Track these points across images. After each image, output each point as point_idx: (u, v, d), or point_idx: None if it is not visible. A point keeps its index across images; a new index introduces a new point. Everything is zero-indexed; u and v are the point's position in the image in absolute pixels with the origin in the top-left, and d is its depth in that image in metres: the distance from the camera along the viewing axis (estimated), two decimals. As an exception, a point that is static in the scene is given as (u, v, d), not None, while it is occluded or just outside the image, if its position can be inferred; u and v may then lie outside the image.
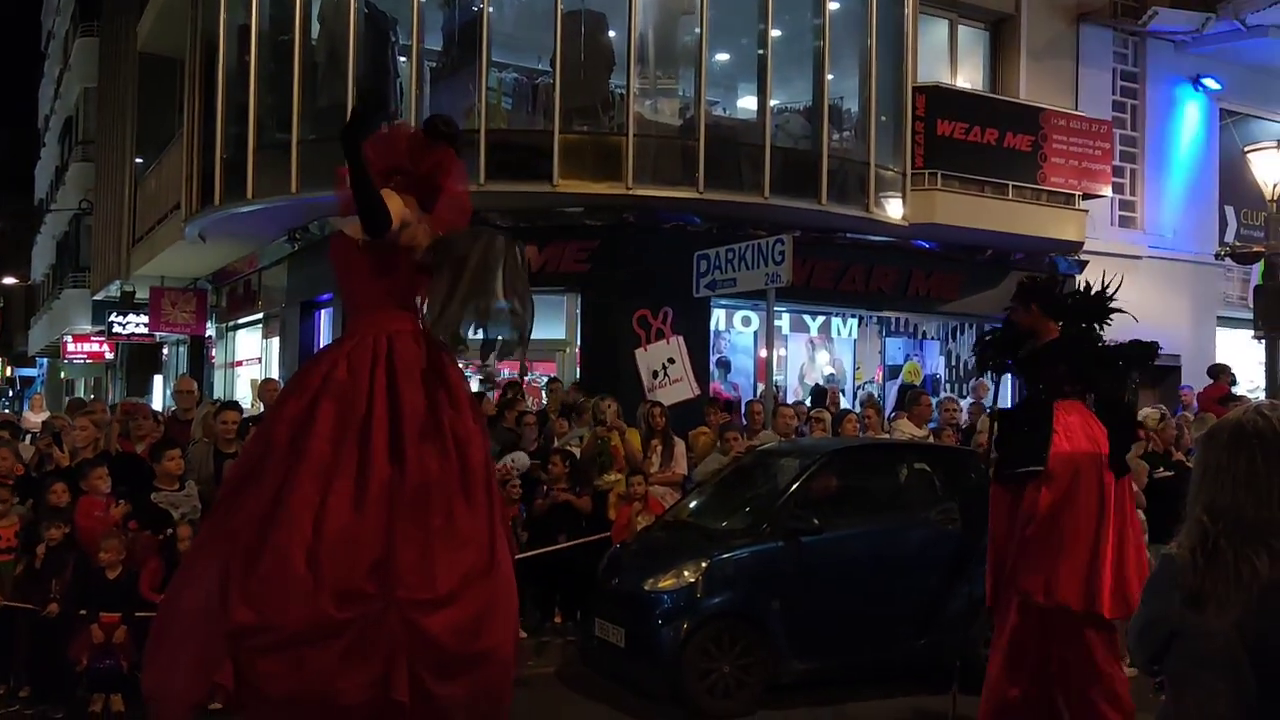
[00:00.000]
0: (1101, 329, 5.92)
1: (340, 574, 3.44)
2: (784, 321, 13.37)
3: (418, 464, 3.61)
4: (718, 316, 13.02)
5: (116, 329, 22.30)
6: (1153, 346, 5.90)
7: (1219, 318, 16.17)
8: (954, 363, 14.81)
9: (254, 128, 12.56)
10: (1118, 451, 5.57)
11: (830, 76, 12.57)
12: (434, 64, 12.52)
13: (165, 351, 24.36)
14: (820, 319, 14.06)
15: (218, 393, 17.87)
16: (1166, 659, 2.47)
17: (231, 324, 18.72)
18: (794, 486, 7.13)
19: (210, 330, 19.84)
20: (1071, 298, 6.01)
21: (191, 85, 14.52)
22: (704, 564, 6.79)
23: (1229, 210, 16.57)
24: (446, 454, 3.68)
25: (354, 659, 3.42)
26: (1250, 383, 14.02)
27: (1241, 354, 14.80)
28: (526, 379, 12.58)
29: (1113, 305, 5.93)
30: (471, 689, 3.60)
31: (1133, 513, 5.67)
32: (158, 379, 25.09)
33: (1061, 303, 5.92)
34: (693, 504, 7.98)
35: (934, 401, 10.21)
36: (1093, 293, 5.93)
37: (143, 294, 21.04)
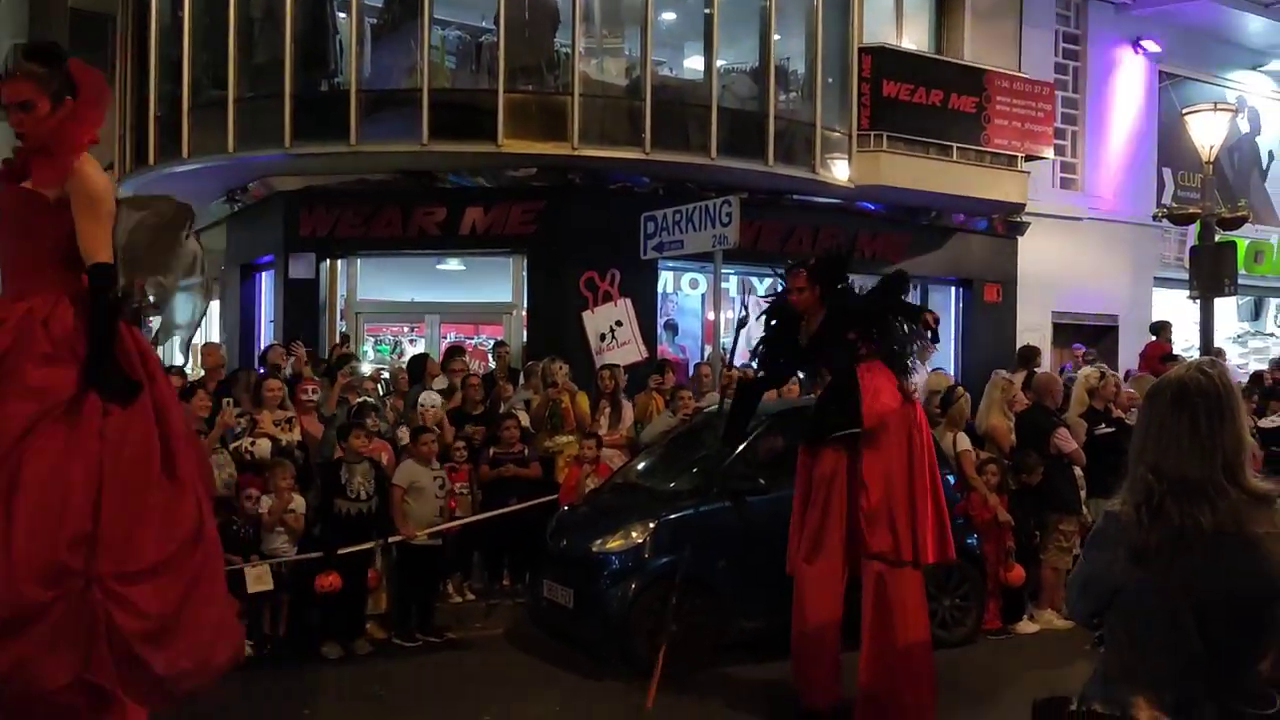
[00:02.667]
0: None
1: (40, 551, 3.32)
2: (731, 284, 13.39)
3: (120, 433, 3.52)
4: (665, 279, 13.00)
5: (50, 293, 21.72)
6: (902, 273, 6.41)
7: (1156, 278, 16.50)
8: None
9: (189, 85, 12.23)
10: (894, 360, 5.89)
11: (776, 37, 12.52)
12: (374, 21, 12.25)
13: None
14: (768, 281, 14.09)
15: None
16: (1108, 614, 2.51)
17: (170, 287, 18.33)
18: (740, 447, 7.18)
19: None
20: (822, 268, 6.14)
21: (123, 41, 14.07)
22: (652, 525, 6.83)
23: (1166, 172, 16.86)
24: (148, 422, 3.62)
25: (60, 640, 3.33)
26: (1185, 341, 14.34)
27: (1177, 314, 15.12)
28: (472, 342, 12.52)
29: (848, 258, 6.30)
30: (187, 656, 3.60)
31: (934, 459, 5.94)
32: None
33: (827, 275, 6.08)
34: (640, 466, 8.01)
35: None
36: (833, 257, 6.27)
37: (76, 257, 20.50)
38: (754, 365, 6.54)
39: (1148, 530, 2.38)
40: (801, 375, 7.40)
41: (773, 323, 6.22)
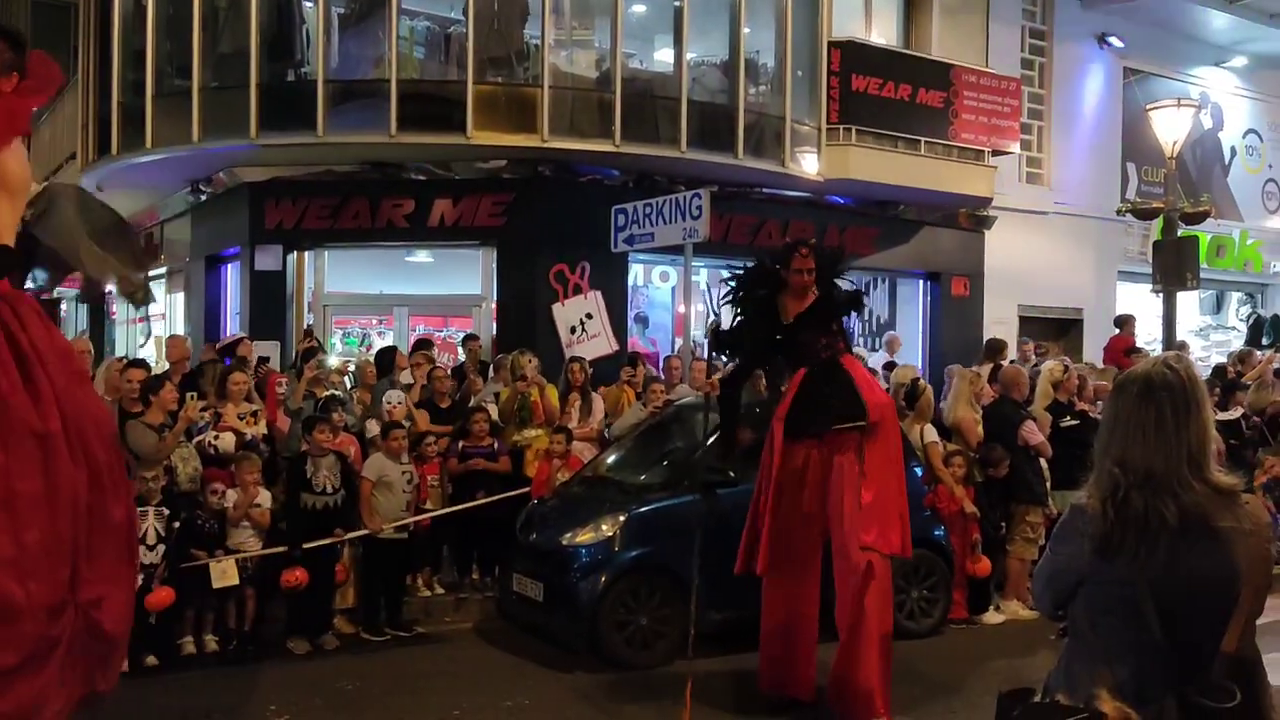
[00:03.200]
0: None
1: (47, 587, 3.24)
2: (701, 276, 13.40)
3: (86, 452, 3.39)
4: (636, 271, 12.99)
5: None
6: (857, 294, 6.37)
7: (1120, 272, 16.68)
8: (867, 317, 15.03)
9: (153, 74, 12.05)
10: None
11: (746, 30, 12.51)
12: (342, 10, 12.14)
13: (64, 307, 23.48)
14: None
15: (120, 350, 17.28)
16: (1071, 605, 2.53)
17: (133, 279, 18.08)
18: (710, 440, 7.19)
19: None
20: (827, 257, 6.15)
21: (86, 29, 13.85)
22: (622, 518, 6.83)
23: (1130, 167, 17.05)
24: (103, 439, 3.52)
25: (66, 671, 3.32)
26: (1149, 335, 14.51)
27: (1141, 308, 15.30)
28: (441, 335, 12.45)
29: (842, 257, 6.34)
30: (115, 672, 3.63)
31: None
32: (56, 336, 24.22)
33: (829, 265, 6.07)
34: (611, 459, 8.00)
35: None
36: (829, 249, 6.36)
37: (38, 248, 20.20)
38: (722, 353, 6.40)
39: (1112, 523, 2.39)
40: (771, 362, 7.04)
41: (759, 292, 6.01)
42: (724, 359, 6.49)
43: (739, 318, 6.10)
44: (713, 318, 6.40)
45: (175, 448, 7.03)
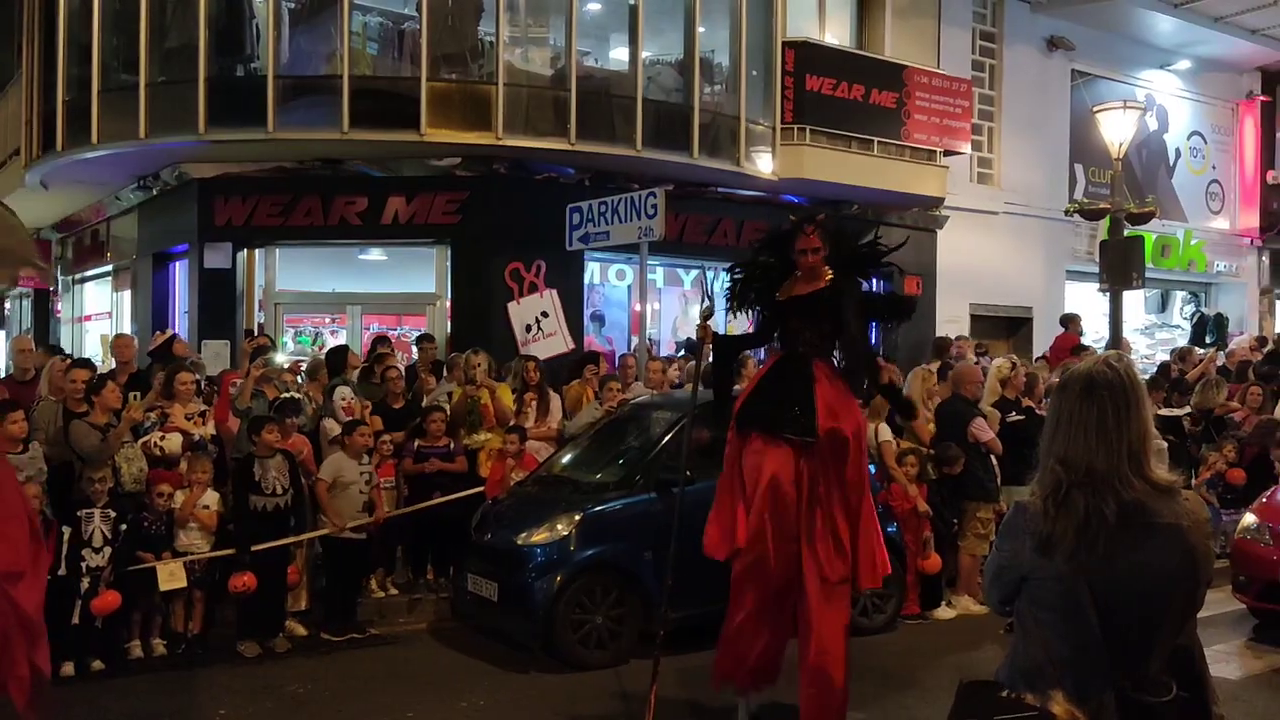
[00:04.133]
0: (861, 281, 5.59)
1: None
2: (658, 275, 13.42)
3: None
4: (592, 270, 12.98)
5: (-50, 282, 20.91)
6: (913, 301, 5.84)
7: (1068, 271, 16.95)
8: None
9: (98, 69, 11.85)
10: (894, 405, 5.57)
11: (701, 29, 12.55)
12: (293, 5, 11.99)
13: (7, 305, 22.98)
14: (694, 272, 14.16)
15: (66, 349, 16.97)
16: (1017, 601, 2.56)
17: (79, 276, 17.76)
18: (666, 439, 7.19)
19: (56, 283, 18.79)
20: (850, 244, 5.53)
21: (30, 23, 13.56)
22: (577, 517, 6.81)
23: (1078, 168, 17.33)
24: None
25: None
26: (1096, 333, 14.76)
27: (1088, 306, 15.56)
28: (395, 333, 12.34)
29: (884, 260, 5.57)
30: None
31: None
32: (-1, 335, 23.69)
33: (850, 249, 5.48)
34: (566, 458, 7.98)
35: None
36: (872, 244, 5.57)
37: (-21, 245, 19.75)
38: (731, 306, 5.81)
39: (1053, 520, 2.42)
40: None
41: (767, 259, 5.50)
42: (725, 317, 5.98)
43: (741, 284, 5.60)
44: (707, 302, 5.86)
45: (119, 448, 6.90)
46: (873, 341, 5.75)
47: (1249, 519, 7.78)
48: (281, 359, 10.05)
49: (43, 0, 12.98)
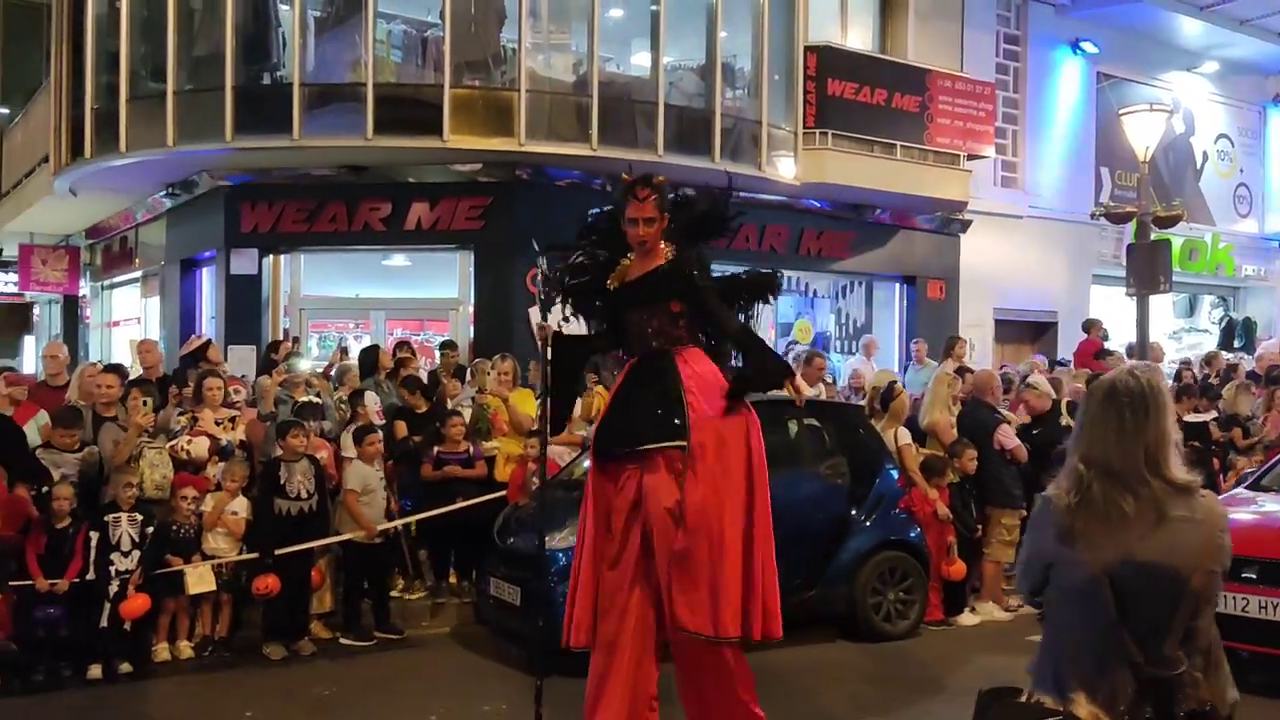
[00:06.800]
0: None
1: None
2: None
3: None
4: (613, 274, 12.97)
5: (-18, 287, 21.22)
6: (775, 278, 4.69)
7: (1094, 275, 16.83)
8: (843, 320, 15.11)
9: (127, 77, 11.97)
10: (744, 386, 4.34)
11: (723, 34, 12.55)
12: (318, 14, 12.09)
13: (37, 311, 23.26)
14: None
15: (94, 354, 17.15)
16: (1045, 590, 2.76)
17: (107, 282, 17.95)
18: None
19: (85, 289, 19.01)
20: (690, 212, 4.60)
21: (59, 31, 13.74)
22: (599, 522, 6.81)
23: (1104, 171, 17.21)
24: None
25: None
26: (1124, 338, 14.64)
27: (1115, 311, 15.43)
28: (418, 339, 12.41)
29: (725, 226, 4.63)
30: None
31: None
32: (29, 339, 23.97)
33: (689, 217, 4.55)
34: (587, 463, 7.98)
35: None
36: (711, 205, 4.61)
37: (11, 251, 20.01)
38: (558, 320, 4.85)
39: (1074, 513, 2.65)
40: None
41: (595, 249, 4.63)
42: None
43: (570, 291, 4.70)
44: (544, 294, 5.02)
45: (129, 453, 6.97)
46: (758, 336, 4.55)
47: None
48: (304, 364, 10.12)
49: (71, 9, 13.13)
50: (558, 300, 4.77)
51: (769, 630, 4.32)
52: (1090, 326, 13.55)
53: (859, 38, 14.59)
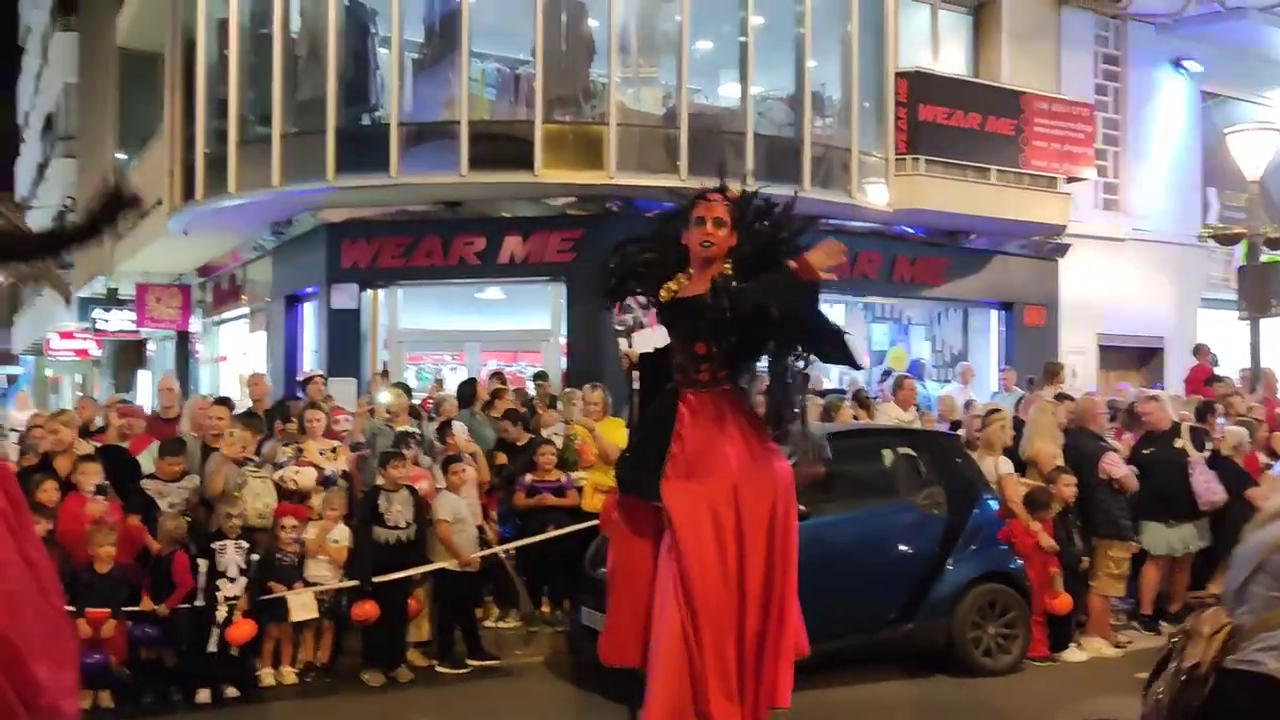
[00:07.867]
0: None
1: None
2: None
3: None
4: (704, 305, 12.98)
5: (101, 325, 22.19)
6: (844, 339, 4.00)
7: (1203, 299, 16.24)
8: (939, 348, 14.86)
9: (235, 121, 12.50)
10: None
11: (812, 63, 12.56)
12: (415, 55, 12.48)
13: (151, 347, 24.24)
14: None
15: (204, 388, 17.80)
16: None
17: (216, 319, 18.65)
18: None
19: (195, 325, 19.77)
20: (766, 233, 4.08)
21: (172, 80, 14.43)
22: (691, 551, 6.78)
23: (1211, 192, 16.64)
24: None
25: None
26: (1238, 364, 14.07)
27: (1227, 335, 14.86)
28: (512, 370, 12.59)
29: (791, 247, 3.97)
30: None
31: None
32: (143, 374, 24.98)
33: (763, 238, 4.00)
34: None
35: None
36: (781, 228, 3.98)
37: (127, 290, 20.92)
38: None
39: None
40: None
41: (648, 256, 4.23)
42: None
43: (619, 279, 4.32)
44: (627, 321, 4.31)
45: (223, 483, 7.15)
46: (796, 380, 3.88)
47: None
48: (385, 396, 10.36)
49: (183, 58, 13.77)
50: (627, 288, 4.42)
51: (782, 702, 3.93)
52: (1199, 351, 13.10)
53: (951, 61, 14.43)
